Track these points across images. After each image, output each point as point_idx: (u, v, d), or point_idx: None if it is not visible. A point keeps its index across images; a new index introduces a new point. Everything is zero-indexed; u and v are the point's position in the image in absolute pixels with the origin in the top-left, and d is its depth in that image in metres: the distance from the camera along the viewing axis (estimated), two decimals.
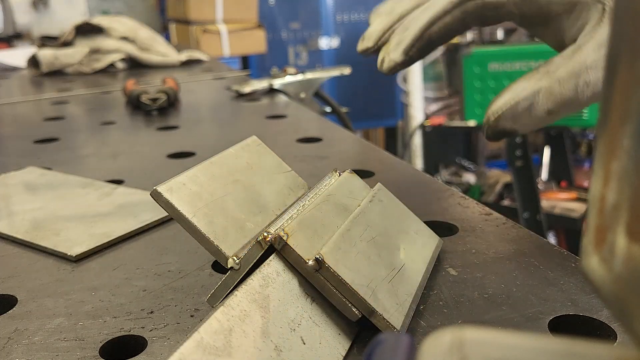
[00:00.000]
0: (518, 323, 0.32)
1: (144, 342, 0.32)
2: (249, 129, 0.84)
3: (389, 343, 0.18)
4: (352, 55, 3.13)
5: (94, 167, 0.68)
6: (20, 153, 0.75)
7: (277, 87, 1.11)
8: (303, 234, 0.32)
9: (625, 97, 0.13)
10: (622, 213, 0.13)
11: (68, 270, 0.42)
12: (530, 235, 0.43)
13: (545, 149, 2.43)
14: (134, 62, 1.54)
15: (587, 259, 0.14)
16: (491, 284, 0.36)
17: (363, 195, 0.39)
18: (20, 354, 0.32)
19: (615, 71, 0.14)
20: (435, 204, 0.50)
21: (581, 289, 0.35)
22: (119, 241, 0.46)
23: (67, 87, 1.29)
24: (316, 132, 0.77)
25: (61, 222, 0.49)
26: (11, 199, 0.56)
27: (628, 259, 0.13)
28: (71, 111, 1.04)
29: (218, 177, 0.35)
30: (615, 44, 0.14)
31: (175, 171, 0.34)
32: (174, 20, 2.69)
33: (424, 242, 0.38)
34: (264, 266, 0.30)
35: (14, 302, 0.37)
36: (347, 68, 1.24)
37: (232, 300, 0.27)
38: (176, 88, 1.04)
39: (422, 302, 0.34)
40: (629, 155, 0.13)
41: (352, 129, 1.30)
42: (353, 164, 0.60)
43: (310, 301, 0.31)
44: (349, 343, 0.31)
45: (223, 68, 1.53)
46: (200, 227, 0.31)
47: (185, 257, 0.42)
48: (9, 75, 1.52)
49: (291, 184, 0.40)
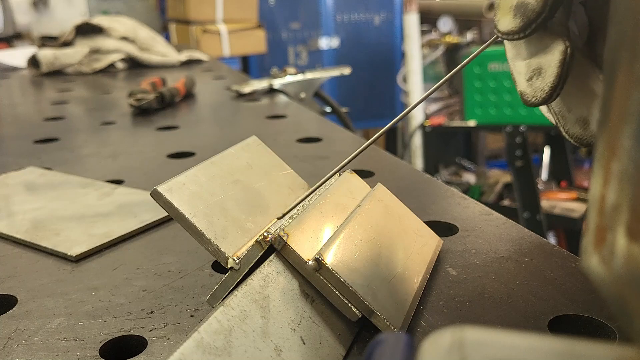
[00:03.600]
0: (518, 323, 0.32)
1: (144, 342, 0.32)
2: (249, 129, 0.84)
3: (389, 343, 0.18)
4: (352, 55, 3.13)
5: (94, 167, 0.68)
6: (20, 153, 0.75)
7: (277, 87, 1.11)
8: (303, 234, 0.32)
9: (625, 98, 0.13)
10: (622, 213, 0.13)
11: (68, 270, 0.42)
12: (530, 235, 0.43)
13: (545, 149, 2.43)
14: (134, 62, 1.54)
15: (587, 259, 0.14)
16: (491, 284, 0.36)
17: (363, 195, 0.39)
18: (20, 354, 0.32)
19: (615, 71, 0.14)
20: (435, 204, 0.50)
21: (581, 289, 0.35)
22: (119, 241, 0.46)
23: (67, 87, 1.29)
24: (316, 132, 0.77)
25: (61, 222, 0.49)
26: (11, 199, 0.56)
27: (628, 258, 0.13)
28: (71, 111, 1.04)
29: (218, 177, 0.35)
30: (615, 44, 0.14)
31: (175, 171, 0.34)
32: (174, 20, 2.69)
33: (424, 242, 0.38)
34: (264, 266, 0.30)
35: (14, 302, 0.37)
36: (347, 68, 1.24)
37: (232, 300, 0.27)
38: (180, 88, 1.04)
39: (422, 302, 0.34)
40: (629, 155, 0.13)
41: (352, 129, 1.30)
42: (353, 164, 0.60)
43: (310, 301, 0.31)
44: (349, 343, 0.31)
45: (223, 68, 1.53)
46: (200, 227, 0.31)
47: (185, 257, 0.42)
48: (9, 75, 1.52)
49: (291, 184, 0.40)
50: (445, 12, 2.76)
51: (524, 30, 0.32)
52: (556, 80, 0.33)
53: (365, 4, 3.04)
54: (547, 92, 0.34)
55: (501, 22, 0.33)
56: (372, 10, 3.05)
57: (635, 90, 0.13)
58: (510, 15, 0.33)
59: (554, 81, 0.33)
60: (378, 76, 3.09)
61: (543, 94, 0.34)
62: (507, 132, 2.08)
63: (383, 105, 3.13)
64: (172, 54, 1.58)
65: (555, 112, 0.38)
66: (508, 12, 0.33)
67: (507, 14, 0.33)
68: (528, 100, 0.35)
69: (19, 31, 2.65)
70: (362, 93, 3.06)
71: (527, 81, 0.35)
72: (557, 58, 0.33)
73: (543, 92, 0.34)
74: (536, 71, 0.34)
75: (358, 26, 3.04)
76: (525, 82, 0.35)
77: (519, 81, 0.36)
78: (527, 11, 0.32)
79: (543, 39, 0.33)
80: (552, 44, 0.33)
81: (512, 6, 0.33)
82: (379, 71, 3.09)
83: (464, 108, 2.42)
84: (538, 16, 0.31)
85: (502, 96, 2.22)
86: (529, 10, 0.32)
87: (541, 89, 0.34)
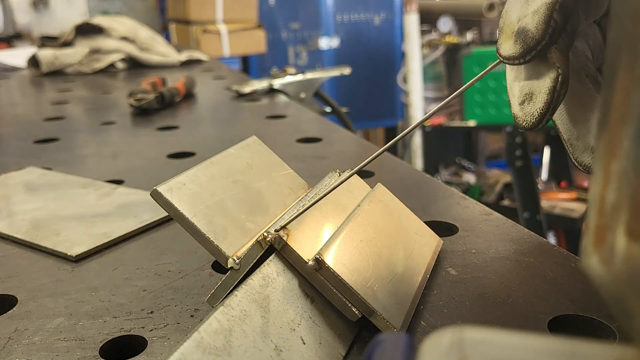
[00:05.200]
0: (518, 323, 0.32)
1: (144, 342, 0.32)
2: (249, 129, 0.84)
3: (389, 343, 0.18)
4: (352, 55, 3.12)
5: (94, 167, 0.68)
6: (20, 153, 0.75)
7: (277, 87, 1.11)
8: (303, 234, 0.32)
9: (625, 98, 0.13)
10: (622, 213, 0.13)
11: (68, 270, 0.42)
12: (530, 235, 0.43)
13: (545, 149, 2.43)
14: (134, 62, 1.54)
15: (587, 259, 0.14)
16: (491, 284, 0.36)
17: (363, 195, 0.39)
18: (20, 354, 0.32)
19: (615, 72, 0.14)
20: (435, 204, 0.50)
21: (581, 289, 0.35)
22: (119, 241, 0.46)
23: (67, 87, 1.29)
24: (316, 132, 0.77)
25: (61, 222, 0.49)
26: (11, 199, 0.56)
27: (628, 258, 0.13)
28: (71, 111, 1.04)
29: (218, 177, 0.35)
30: (615, 44, 0.14)
31: (175, 171, 0.34)
32: (174, 21, 2.69)
33: (424, 242, 0.38)
34: (264, 266, 0.30)
35: (14, 302, 0.37)
36: (347, 68, 1.24)
37: (232, 300, 0.27)
38: (180, 88, 1.04)
39: (422, 302, 0.34)
40: (628, 155, 0.13)
41: (352, 129, 1.30)
42: (353, 164, 0.60)
43: (310, 301, 0.31)
44: (349, 343, 0.31)
45: (223, 68, 1.53)
46: (200, 227, 0.31)
47: (185, 257, 0.42)
48: (9, 75, 1.52)
49: (291, 184, 0.40)
50: (445, 12, 2.76)
51: (523, 56, 0.32)
52: (545, 107, 0.33)
53: (365, 4, 3.04)
54: (536, 117, 0.34)
55: (503, 46, 0.34)
56: (372, 10, 3.05)
57: (635, 91, 0.13)
58: (511, 40, 0.33)
59: (543, 107, 0.33)
60: (378, 76, 3.09)
61: (533, 118, 0.34)
62: (507, 132, 2.08)
63: (383, 106, 3.13)
64: (172, 54, 1.58)
65: (565, 139, 0.38)
66: (510, 37, 0.33)
67: (508, 39, 0.33)
68: (520, 124, 0.35)
69: (19, 31, 2.65)
70: (362, 93, 3.06)
71: (519, 105, 0.35)
72: (547, 85, 0.33)
73: (533, 117, 0.34)
74: (528, 96, 0.35)
75: (358, 26, 3.04)
76: (518, 106, 0.35)
77: (513, 104, 0.36)
78: (527, 38, 0.32)
79: (538, 65, 0.34)
80: (545, 70, 0.33)
81: (513, 31, 0.33)
82: (379, 71, 3.09)
83: (464, 108, 2.42)
84: (538, 44, 0.32)
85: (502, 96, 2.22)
86: (528, 37, 0.32)
87: (531, 114, 0.34)
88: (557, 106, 0.34)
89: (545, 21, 0.31)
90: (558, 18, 0.31)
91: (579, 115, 0.37)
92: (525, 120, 0.35)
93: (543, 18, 0.31)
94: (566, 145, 0.38)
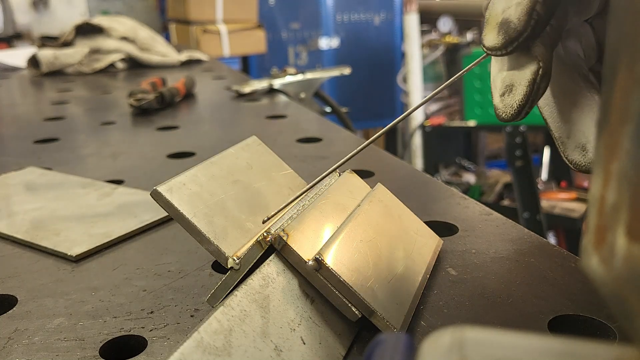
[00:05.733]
0: (518, 323, 0.32)
1: (144, 342, 0.32)
2: (249, 129, 0.84)
3: (389, 343, 0.18)
4: (352, 55, 3.13)
5: (94, 167, 0.68)
6: (20, 153, 0.75)
7: (277, 87, 1.11)
8: (303, 234, 0.32)
9: (625, 98, 0.13)
10: (622, 213, 0.13)
11: (68, 270, 0.42)
12: (530, 235, 0.43)
13: (545, 149, 2.43)
14: (134, 62, 1.54)
15: (587, 259, 0.14)
16: (491, 284, 0.36)
17: (363, 195, 0.39)
18: (20, 354, 0.32)
19: (615, 72, 0.14)
20: (435, 204, 0.50)
21: (581, 289, 0.35)
22: (119, 241, 0.46)
23: (67, 87, 1.29)
24: (316, 132, 0.77)
25: (61, 222, 0.49)
26: (11, 199, 0.56)
27: (628, 258, 0.13)
28: (71, 111, 1.04)
29: (218, 177, 0.35)
30: (615, 44, 0.14)
31: (175, 171, 0.34)
32: (174, 21, 2.69)
33: (424, 242, 0.38)
34: (264, 266, 0.30)
35: (14, 302, 0.37)
36: (347, 68, 1.24)
37: (232, 300, 0.27)
38: (180, 88, 1.04)
39: (422, 302, 0.34)
40: (628, 155, 0.13)
41: (352, 129, 1.30)
42: (353, 164, 0.60)
43: (310, 301, 0.31)
44: (349, 343, 0.31)
45: (223, 68, 1.53)
46: (200, 227, 0.31)
47: (185, 257, 0.42)
48: (9, 75, 1.52)
49: (291, 184, 0.40)
50: (445, 12, 2.76)
51: (505, 47, 0.32)
52: (524, 99, 0.34)
53: (365, 4, 3.04)
54: (515, 109, 0.34)
55: (487, 37, 0.34)
56: (372, 10, 3.05)
57: (635, 90, 0.13)
58: (495, 31, 0.33)
59: (522, 99, 0.34)
60: (378, 76, 3.09)
61: (512, 110, 0.34)
62: (507, 132, 2.08)
63: (383, 105, 3.13)
64: (172, 54, 1.58)
65: (556, 137, 0.38)
66: (494, 28, 0.33)
67: (492, 30, 0.33)
68: (499, 115, 0.35)
69: (19, 31, 2.65)
70: (362, 93, 3.06)
71: (500, 96, 0.35)
72: (527, 77, 0.33)
73: (512, 108, 0.34)
74: (508, 87, 0.35)
75: (358, 26, 3.05)
76: (499, 97, 0.35)
77: (494, 95, 0.36)
78: (509, 29, 0.32)
79: (520, 58, 0.34)
80: (527, 63, 0.33)
81: (497, 23, 0.33)
82: (379, 71, 3.09)
83: (464, 108, 2.42)
84: (520, 35, 0.32)
85: None
86: (511, 28, 0.32)
87: (510, 105, 0.34)
88: (536, 99, 0.34)
89: (527, 12, 0.31)
90: (541, 10, 0.31)
91: (570, 113, 0.37)
92: (504, 111, 0.35)
93: (525, 9, 0.31)
94: (557, 143, 0.38)
